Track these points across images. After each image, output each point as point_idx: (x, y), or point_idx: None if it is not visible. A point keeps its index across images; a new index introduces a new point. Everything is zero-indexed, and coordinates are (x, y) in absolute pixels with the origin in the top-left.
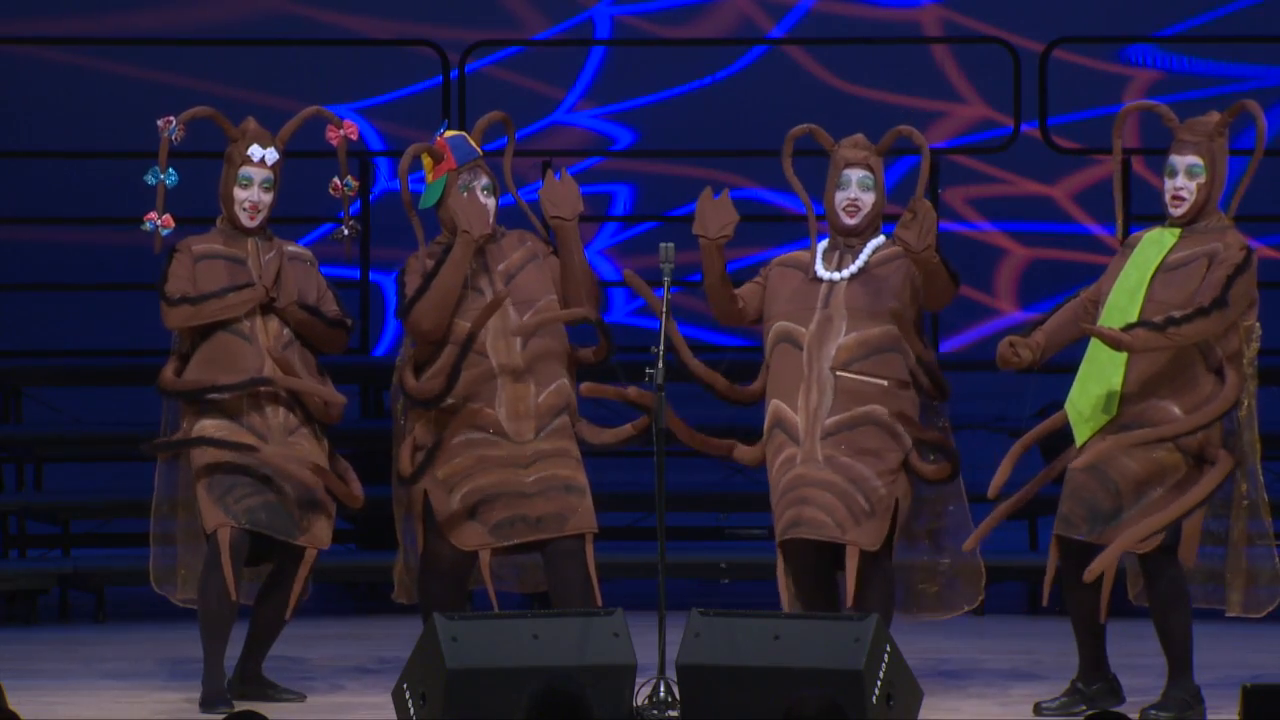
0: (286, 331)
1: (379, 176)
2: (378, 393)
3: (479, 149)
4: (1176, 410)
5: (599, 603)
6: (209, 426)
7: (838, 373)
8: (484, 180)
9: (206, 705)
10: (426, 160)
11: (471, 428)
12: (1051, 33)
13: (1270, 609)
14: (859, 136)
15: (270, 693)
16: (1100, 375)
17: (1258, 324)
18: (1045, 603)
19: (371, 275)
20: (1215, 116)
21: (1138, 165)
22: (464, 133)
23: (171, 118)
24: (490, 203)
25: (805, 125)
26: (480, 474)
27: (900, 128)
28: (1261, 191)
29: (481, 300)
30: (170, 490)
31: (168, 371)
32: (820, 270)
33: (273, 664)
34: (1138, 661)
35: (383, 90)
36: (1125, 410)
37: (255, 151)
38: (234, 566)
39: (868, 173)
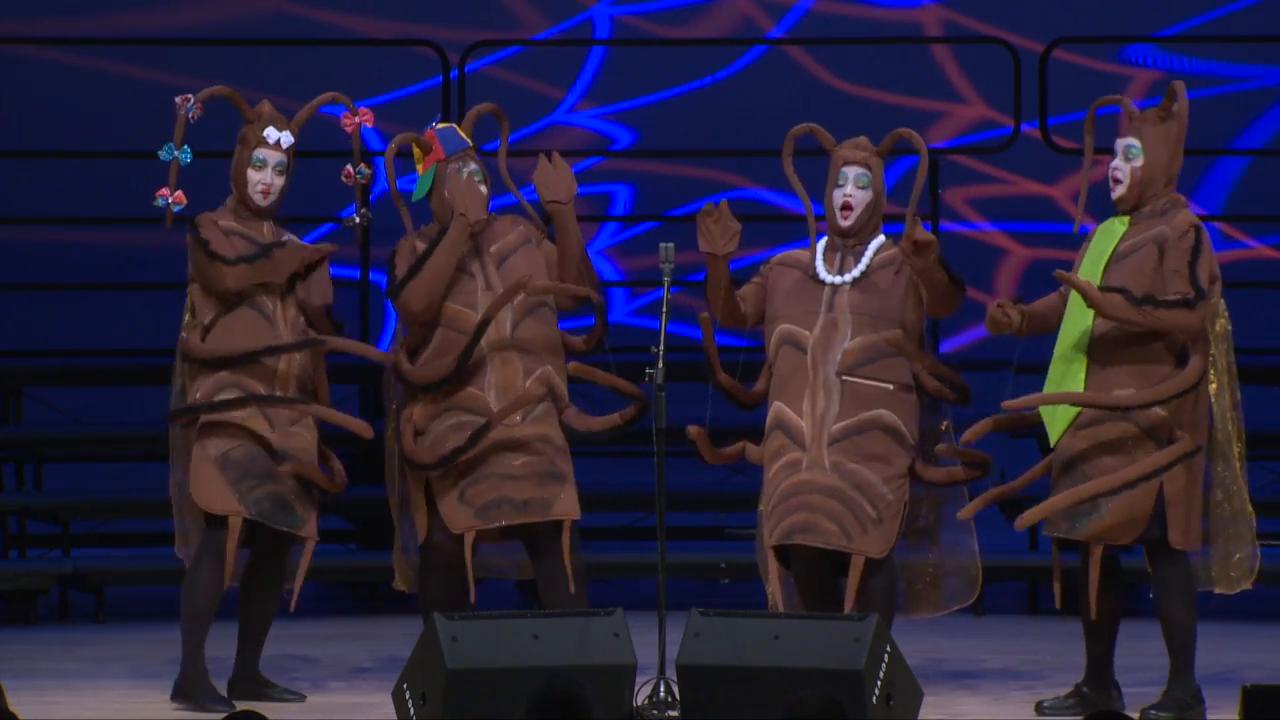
0: (302, 320)
1: (379, 176)
2: (378, 393)
3: (469, 139)
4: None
5: (572, 588)
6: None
7: (843, 378)
8: (473, 167)
9: (190, 697)
10: (416, 151)
11: (463, 410)
12: (1051, 33)
13: (1244, 587)
14: (861, 139)
15: (270, 692)
16: (1066, 372)
17: (1222, 300)
18: (1059, 605)
19: (371, 275)
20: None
21: None
22: (454, 124)
23: (190, 95)
24: (482, 189)
25: (806, 124)
26: (469, 458)
27: (900, 130)
28: (1261, 191)
29: (472, 283)
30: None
31: (194, 338)
32: (822, 272)
33: (272, 664)
34: (1138, 662)
35: (383, 90)
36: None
37: (271, 134)
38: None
39: (865, 170)
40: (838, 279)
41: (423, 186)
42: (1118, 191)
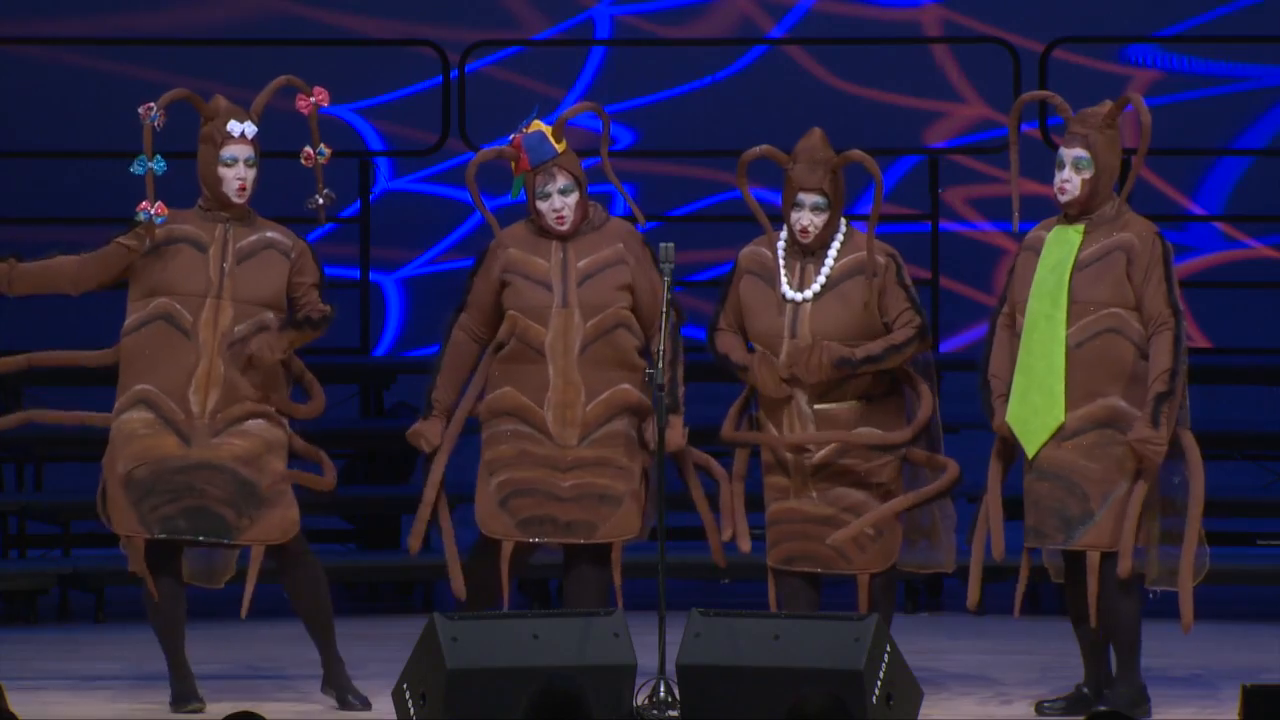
0: (240, 328)
1: (379, 176)
2: (378, 393)
3: (557, 146)
4: (1124, 404)
5: (621, 603)
6: (135, 421)
7: (815, 406)
8: (559, 183)
9: (178, 703)
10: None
11: (521, 420)
12: (1051, 33)
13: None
14: (814, 147)
15: (346, 697)
16: (1039, 384)
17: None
18: (1016, 615)
19: (371, 275)
20: (1106, 107)
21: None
22: (545, 129)
23: (151, 105)
24: (570, 200)
25: (759, 148)
26: (519, 466)
27: (852, 153)
28: (1261, 191)
29: (548, 298)
30: None
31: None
32: (784, 288)
33: (273, 663)
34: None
35: (383, 90)
36: (1072, 414)
37: (234, 127)
38: (165, 567)
39: (820, 197)
40: (799, 296)
41: (516, 189)
42: (1064, 199)
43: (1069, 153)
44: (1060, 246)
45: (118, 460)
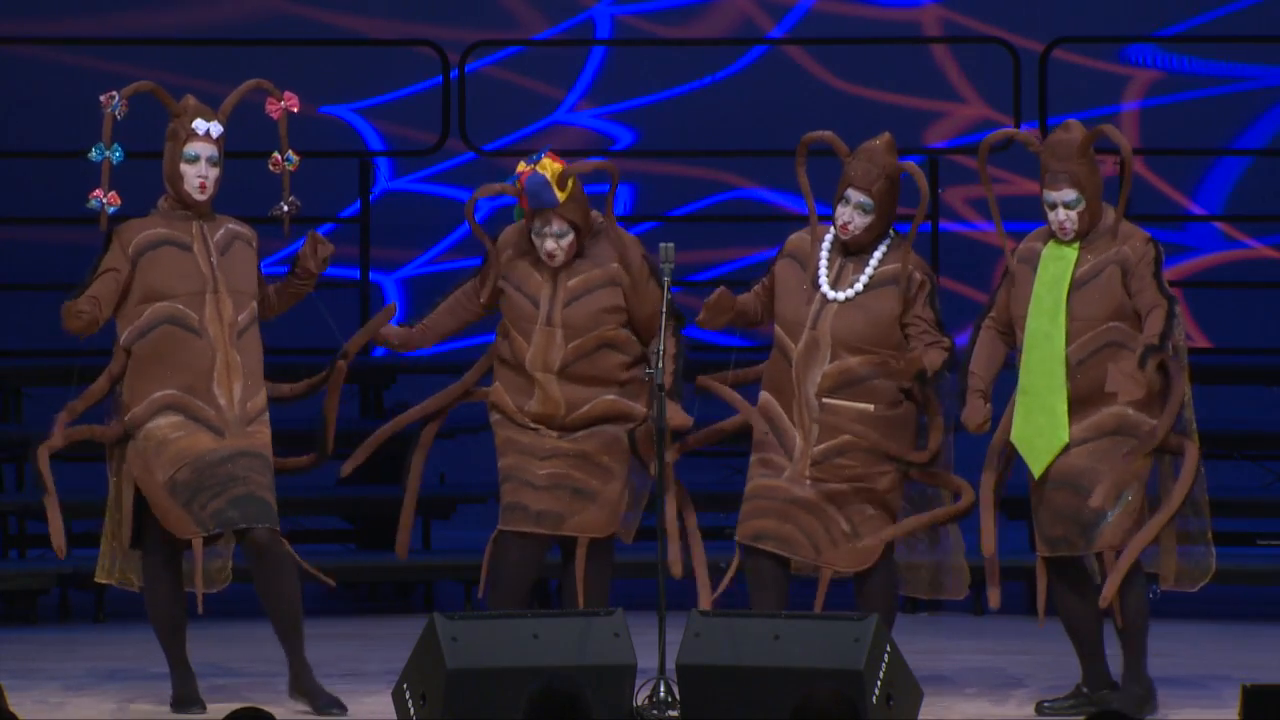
0: (242, 317)
1: (379, 176)
2: (378, 393)
3: (559, 195)
4: (1132, 413)
5: (580, 604)
6: (164, 426)
7: (823, 400)
8: (555, 227)
9: (179, 706)
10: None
11: (506, 415)
12: (1051, 33)
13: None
14: (877, 149)
15: (315, 701)
16: (1041, 404)
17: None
18: (1041, 625)
19: (371, 275)
20: (1078, 134)
21: (1137, 165)
22: (550, 170)
23: (114, 93)
24: (564, 242)
25: (822, 133)
26: (504, 454)
27: (909, 166)
28: (1261, 191)
29: (534, 314)
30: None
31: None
32: (822, 279)
33: (273, 663)
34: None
35: (383, 90)
36: (1079, 425)
37: (200, 125)
38: (165, 569)
39: (868, 199)
40: (831, 294)
41: (518, 215)
42: (1069, 236)
43: (1058, 196)
44: (1056, 263)
45: (155, 470)
